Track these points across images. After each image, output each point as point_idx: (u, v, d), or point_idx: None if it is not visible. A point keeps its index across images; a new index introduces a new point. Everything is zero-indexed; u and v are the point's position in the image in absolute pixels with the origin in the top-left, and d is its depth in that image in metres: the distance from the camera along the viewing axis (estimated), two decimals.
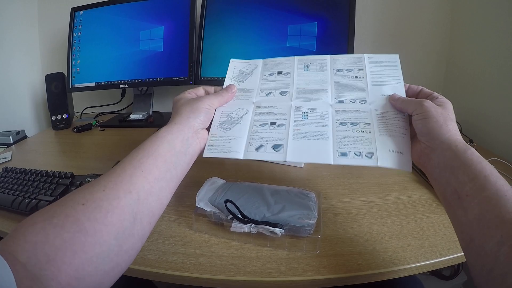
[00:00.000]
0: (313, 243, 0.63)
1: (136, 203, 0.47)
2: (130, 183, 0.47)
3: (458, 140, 0.52)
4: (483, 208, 0.43)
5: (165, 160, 0.54)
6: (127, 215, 0.45)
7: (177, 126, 0.59)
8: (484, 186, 0.44)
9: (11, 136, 1.44)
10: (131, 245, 0.46)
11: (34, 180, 0.89)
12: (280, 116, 0.67)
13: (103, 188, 0.45)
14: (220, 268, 0.59)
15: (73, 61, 1.58)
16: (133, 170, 0.49)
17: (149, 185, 0.49)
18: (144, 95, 1.64)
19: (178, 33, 1.45)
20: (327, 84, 0.72)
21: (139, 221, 0.47)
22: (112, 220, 0.43)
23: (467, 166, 0.48)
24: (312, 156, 0.59)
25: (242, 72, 0.79)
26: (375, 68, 0.72)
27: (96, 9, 1.54)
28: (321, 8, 1.23)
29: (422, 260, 0.60)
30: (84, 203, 0.42)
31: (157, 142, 0.55)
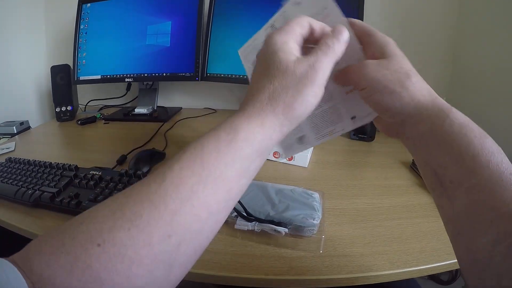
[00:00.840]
0: (316, 243, 0.63)
1: (176, 250, 0.32)
2: (172, 224, 0.32)
3: (430, 106, 0.40)
4: (472, 198, 0.35)
5: (231, 187, 0.36)
6: (160, 265, 0.31)
7: (265, 133, 0.38)
8: (472, 170, 0.35)
9: (15, 127, 1.45)
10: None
11: (38, 171, 0.89)
12: None
13: (129, 225, 0.30)
14: (224, 265, 0.59)
15: (79, 53, 1.59)
16: (180, 205, 0.32)
17: (200, 224, 0.34)
18: (149, 90, 1.65)
19: (186, 29, 1.45)
20: None
21: (178, 266, 0.33)
22: (139, 272, 0.30)
23: (447, 143, 0.37)
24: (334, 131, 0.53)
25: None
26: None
27: (104, 2, 1.55)
28: None
29: (422, 264, 0.60)
30: (100, 244, 0.29)
31: (225, 159, 0.35)
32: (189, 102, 1.78)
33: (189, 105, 1.77)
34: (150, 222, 0.31)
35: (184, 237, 0.33)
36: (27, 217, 0.75)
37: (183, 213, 0.32)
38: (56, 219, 0.74)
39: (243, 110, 0.39)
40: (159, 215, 0.31)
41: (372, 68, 0.41)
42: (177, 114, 1.63)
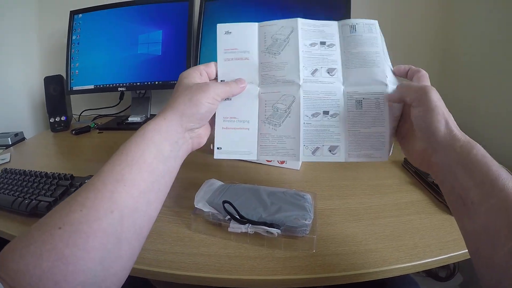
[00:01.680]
0: (309, 243, 0.64)
1: (120, 223, 0.41)
2: (112, 201, 0.41)
3: (462, 139, 0.47)
4: (490, 216, 0.40)
5: (152, 169, 0.47)
6: (110, 238, 0.39)
7: (166, 123, 0.51)
8: (491, 192, 0.40)
9: (10, 138, 1.44)
10: (119, 267, 0.41)
11: (34, 181, 0.90)
12: (332, 103, 0.59)
13: (81, 207, 0.39)
14: (218, 267, 0.60)
15: (72, 63, 1.59)
16: (115, 184, 0.42)
17: (133, 200, 0.43)
18: (142, 98, 1.65)
19: (176, 37, 1.46)
20: (380, 58, 0.60)
21: (126, 241, 0.42)
22: (95, 244, 0.38)
23: (471, 170, 0.44)
24: (369, 156, 0.59)
25: (276, 40, 0.63)
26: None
27: (95, 12, 1.55)
28: (318, 12, 1.25)
29: (415, 260, 0.61)
30: (60, 227, 0.37)
31: (142, 146, 0.47)
32: None
33: None
34: (96, 202, 0.40)
35: (123, 212, 0.41)
36: (24, 227, 0.76)
37: (119, 192, 0.42)
38: None
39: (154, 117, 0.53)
40: (102, 195, 0.41)
41: (436, 95, 0.50)
42: None
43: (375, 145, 0.58)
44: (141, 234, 0.45)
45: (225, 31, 0.65)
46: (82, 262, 0.36)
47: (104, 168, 0.45)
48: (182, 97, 0.53)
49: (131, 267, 0.44)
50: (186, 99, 0.53)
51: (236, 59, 0.63)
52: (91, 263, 0.37)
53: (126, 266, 0.43)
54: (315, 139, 0.58)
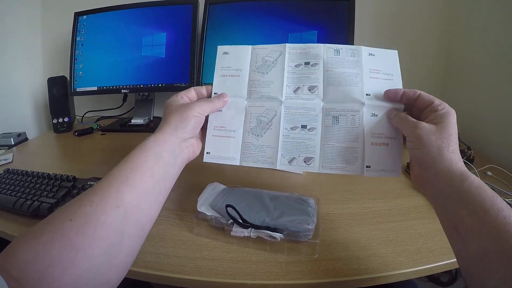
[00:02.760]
0: (312, 248, 0.64)
1: (124, 218, 0.46)
2: (117, 198, 0.46)
3: (454, 171, 0.49)
4: (484, 244, 0.41)
5: (153, 173, 0.53)
6: (115, 232, 0.44)
7: (163, 136, 0.59)
8: (484, 222, 0.42)
9: (12, 138, 1.44)
10: (121, 260, 0.45)
11: (36, 182, 0.90)
12: (310, 118, 0.65)
13: (90, 203, 0.44)
14: (221, 271, 0.60)
15: (75, 65, 1.59)
16: (120, 184, 0.48)
17: (137, 199, 0.49)
18: (145, 100, 1.66)
19: (180, 40, 1.46)
20: (359, 78, 0.65)
21: (128, 236, 0.46)
22: (101, 234, 0.42)
23: (464, 200, 0.45)
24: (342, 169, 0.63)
25: (266, 61, 0.72)
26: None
27: (99, 14, 1.56)
28: (321, 17, 1.25)
29: (418, 265, 0.61)
30: (72, 219, 0.42)
31: (144, 154, 0.54)
32: None
33: None
34: (103, 198, 0.46)
35: (127, 208, 0.47)
36: (25, 228, 0.76)
37: (124, 191, 0.48)
38: None
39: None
40: (108, 194, 0.47)
41: (424, 132, 0.52)
42: None
43: (348, 159, 0.62)
44: (142, 231, 0.50)
45: (223, 51, 0.75)
46: (89, 250, 0.41)
47: (111, 173, 0.50)
48: (174, 115, 0.61)
49: (131, 263, 0.49)
50: (177, 115, 0.61)
51: (229, 76, 0.72)
52: (97, 251, 0.41)
53: (127, 261, 0.47)
54: (292, 150, 0.64)
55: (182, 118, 0.61)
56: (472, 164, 1.02)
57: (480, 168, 0.99)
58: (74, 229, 0.41)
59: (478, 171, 0.98)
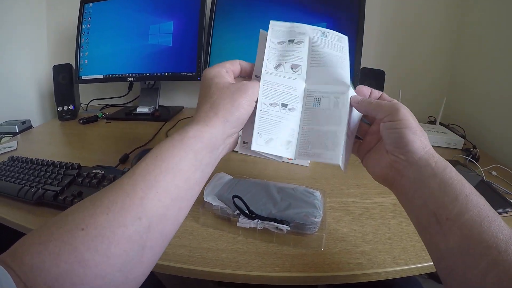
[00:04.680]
0: (318, 241, 0.64)
1: (147, 231, 0.39)
2: (141, 207, 0.39)
3: (436, 155, 0.46)
4: (465, 233, 0.39)
5: (188, 177, 0.44)
6: (134, 245, 0.38)
7: (209, 130, 0.47)
8: (466, 208, 0.40)
9: (17, 126, 1.45)
10: (139, 273, 0.40)
11: (41, 170, 0.89)
12: (291, 97, 0.57)
13: (107, 210, 0.37)
14: (226, 262, 0.60)
15: (81, 52, 1.59)
16: (146, 190, 0.40)
17: (164, 208, 0.41)
18: (151, 89, 1.65)
19: (188, 28, 1.46)
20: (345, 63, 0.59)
21: (149, 248, 0.40)
22: (116, 251, 0.36)
23: (447, 185, 0.43)
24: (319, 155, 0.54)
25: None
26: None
27: (106, 1, 1.55)
28: (331, 9, 1.24)
29: (423, 262, 0.61)
30: (83, 228, 0.35)
31: (180, 153, 0.44)
32: (190, 101, 1.79)
33: (190, 105, 1.77)
34: (124, 207, 0.38)
35: (152, 220, 0.39)
36: (30, 215, 0.76)
37: (150, 198, 0.40)
38: None
39: (191, 119, 0.50)
40: (131, 201, 0.39)
41: (407, 110, 0.49)
42: (178, 113, 1.64)
43: (327, 144, 0.54)
44: (166, 241, 0.43)
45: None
46: (101, 268, 0.35)
47: (136, 171, 0.42)
48: (222, 101, 0.49)
49: (148, 272, 0.43)
50: (227, 102, 0.49)
51: None
52: (110, 269, 0.36)
53: (145, 272, 0.41)
54: (271, 129, 0.55)
55: (234, 108, 0.49)
56: (477, 163, 1.02)
57: (485, 168, 0.99)
58: (85, 242, 0.35)
59: (483, 170, 0.97)
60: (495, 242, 0.37)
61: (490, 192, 0.81)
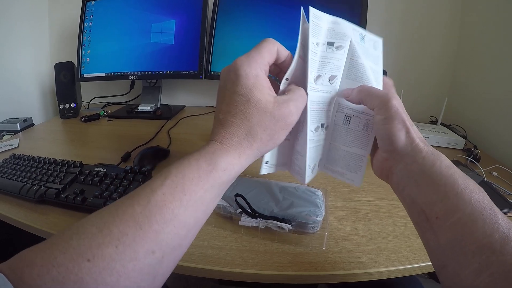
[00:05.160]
0: (320, 240, 0.64)
1: (160, 262, 0.35)
2: (155, 241, 0.35)
3: (425, 150, 0.43)
4: (456, 232, 0.38)
5: (208, 207, 0.40)
6: (146, 277, 0.35)
7: (241, 164, 0.42)
8: (456, 206, 0.38)
9: (18, 123, 1.45)
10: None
11: (43, 167, 0.90)
12: (327, 114, 0.51)
13: (116, 243, 0.33)
14: (228, 261, 0.60)
15: (83, 50, 1.59)
16: (163, 224, 0.35)
17: (179, 240, 0.37)
18: (153, 87, 1.66)
19: (190, 27, 1.46)
20: (380, 79, 0.52)
21: (161, 276, 0.37)
22: (126, 284, 0.33)
23: (435, 183, 0.41)
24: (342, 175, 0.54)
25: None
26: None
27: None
28: (334, 8, 1.24)
29: (423, 261, 0.61)
30: (90, 259, 0.32)
31: (206, 186, 0.39)
32: (192, 100, 1.79)
33: (192, 103, 1.77)
34: (136, 240, 0.34)
35: (166, 252, 0.36)
36: (32, 213, 0.76)
37: (166, 233, 0.35)
38: (61, 215, 0.75)
39: (220, 142, 0.41)
40: (144, 234, 0.34)
41: (399, 102, 0.45)
42: (180, 112, 1.64)
43: (351, 166, 0.53)
44: (176, 264, 0.40)
45: None
46: None
47: (151, 200, 0.36)
48: (261, 131, 0.42)
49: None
50: (266, 135, 0.42)
51: None
52: None
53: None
54: (314, 156, 0.52)
55: (272, 140, 0.43)
56: (478, 164, 1.02)
57: (486, 168, 0.99)
58: (92, 275, 0.31)
59: (484, 170, 0.97)
60: (489, 241, 0.35)
61: (491, 192, 0.81)
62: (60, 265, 0.31)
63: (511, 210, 0.75)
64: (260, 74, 0.43)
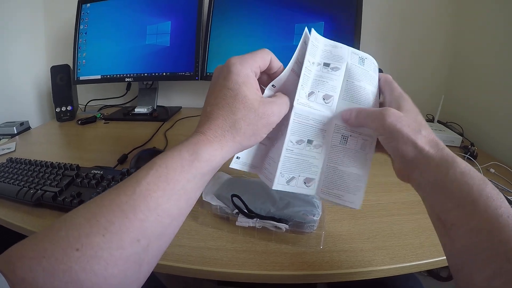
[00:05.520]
0: (317, 239, 0.64)
1: (145, 250, 0.37)
2: (140, 230, 0.36)
3: (438, 156, 0.42)
4: (471, 239, 0.38)
5: (190, 197, 0.42)
6: (132, 264, 0.36)
7: (222, 155, 0.43)
8: (472, 214, 0.38)
9: (15, 127, 1.45)
10: (136, 286, 0.39)
11: (39, 171, 0.89)
12: (318, 132, 0.51)
13: (104, 231, 0.34)
14: (226, 262, 0.60)
15: (79, 53, 1.59)
16: (147, 213, 0.37)
17: (163, 228, 0.39)
18: (149, 89, 1.65)
19: (185, 28, 1.46)
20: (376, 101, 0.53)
21: (146, 264, 0.38)
22: (114, 272, 0.34)
23: (450, 190, 0.40)
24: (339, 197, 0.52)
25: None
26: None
27: (103, 2, 1.55)
28: (328, 8, 1.24)
29: (421, 259, 0.61)
30: (78, 249, 0.33)
31: (188, 176, 0.40)
32: (189, 101, 1.79)
33: (189, 105, 1.77)
34: (122, 229, 0.35)
35: (150, 240, 0.37)
36: (29, 217, 0.76)
37: (150, 221, 0.37)
38: (58, 218, 0.74)
39: (204, 133, 0.43)
40: (130, 223, 0.36)
41: (394, 118, 0.44)
42: (177, 113, 1.64)
43: (349, 187, 0.52)
44: (162, 253, 0.41)
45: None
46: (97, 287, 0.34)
47: (136, 189, 0.37)
48: (245, 125, 0.43)
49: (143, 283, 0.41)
50: (249, 129, 0.44)
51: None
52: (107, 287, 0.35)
53: (142, 283, 0.40)
54: (294, 168, 0.51)
55: (254, 135, 0.45)
56: (475, 161, 1.02)
57: (483, 165, 0.99)
58: (80, 263, 0.33)
59: (482, 167, 0.97)
60: (505, 250, 0.35)
61: None
62: (50, 256, 0.32)
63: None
64: (250, 74, 0.45)
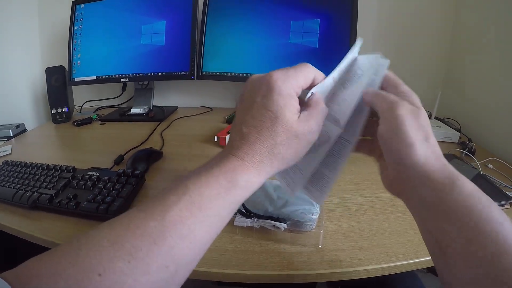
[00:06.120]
0: (315, 238, 0.64)
1: (172, 277, 0.34)
2: (169, 256, 0.34)
3: (439, 172, 0.37)
4: (474, 270, 0.33)
5: (223, 223, 0.39)
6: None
7: (259, 181, 0.40)
8: (473, 239, 0.33)
9: (11, 130, 1.44)
10: None
11: (35, 173, 0.89)
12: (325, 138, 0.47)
13: (129, 257, 0.32)
14: (224, 262, 0.60)
15: (73, 54, 1.58)
16: (178, 240, 0.34)
17: (194, 254, 0.36)
18: (145, 89, 1.65)
19: (180, 27, 1.45)
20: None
21: (174, 286, 0.36)
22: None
23: (453, 213, 0.35)
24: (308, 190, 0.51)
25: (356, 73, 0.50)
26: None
27: (97, 2, 1.54)
28: (324, 5, 1.24)
29: (421, 256, 0.61)
30: (101, 274, 0.30)
31: (224, 204, 0.38)
32: (185, 101, 1.78)
33: (185, 104, 1.76)
34: (149, 255, 0.32)
35: (179, 266, 0.35)
36: (25, 220, 0.76)
37: (180, 248, 0.34)
38: (54, 221, 0.74)
39: (242, 159, 0.39)
40: (158, 250, 0.33)
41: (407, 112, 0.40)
42: (173, 113, 1.63)
43: (319, 185, 0.50)
44: (187, 276, 0.38)
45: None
46: None
47: (167, 215, 0.35)
48: (284, 151, 0.40)
49: None
50: (288, 154, 0.41)
51: None
52: None
53: None
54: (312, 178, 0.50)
55: (291, 160, 0.42)
56: (473, 157, 1.02)
57: (482, 161, 0.99)
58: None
59: (480, 163, 0.97)
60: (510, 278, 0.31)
61: (487, 185, 0.81)
62: (69, 277, 0.30)
63: (507, 203, 0.75)
64: (293, 95, 0.41)
